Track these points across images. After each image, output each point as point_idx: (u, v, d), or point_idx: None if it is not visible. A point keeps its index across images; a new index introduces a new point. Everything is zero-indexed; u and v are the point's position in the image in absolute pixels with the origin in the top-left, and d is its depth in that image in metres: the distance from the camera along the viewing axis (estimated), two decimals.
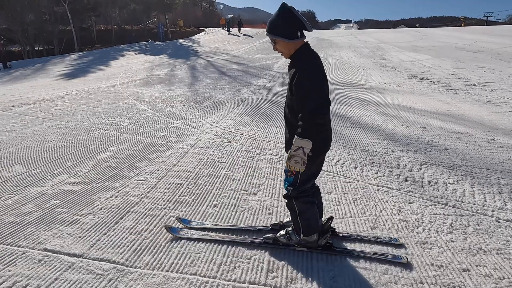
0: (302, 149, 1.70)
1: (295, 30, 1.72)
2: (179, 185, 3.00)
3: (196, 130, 4.70)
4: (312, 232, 1.97)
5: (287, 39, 1.73)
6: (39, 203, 2.65)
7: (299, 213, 1.93)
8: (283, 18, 1.72)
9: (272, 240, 2.09)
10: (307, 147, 1.69)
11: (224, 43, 23.16)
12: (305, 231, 1.96)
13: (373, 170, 3.33)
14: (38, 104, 6.52)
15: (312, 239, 1.98)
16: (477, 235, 2.24)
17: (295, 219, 1.97)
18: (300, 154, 1.70)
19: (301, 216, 1.94)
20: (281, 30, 1.73)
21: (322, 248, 2.02)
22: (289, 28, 1.72)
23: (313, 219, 1.95)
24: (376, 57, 14.18)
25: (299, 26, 1.73)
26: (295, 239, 2.03)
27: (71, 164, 3.46)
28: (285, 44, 1.76)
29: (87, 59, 18.94)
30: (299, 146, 1.70)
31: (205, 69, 12.03)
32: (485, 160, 3.61)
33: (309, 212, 1.94)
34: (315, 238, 1.98)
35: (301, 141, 1.69)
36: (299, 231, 1.99)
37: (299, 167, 1.74)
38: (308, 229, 1.96)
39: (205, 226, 2.33)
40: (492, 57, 12.66)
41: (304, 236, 1.98)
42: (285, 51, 1.80)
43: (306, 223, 1.94)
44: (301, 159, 1.71)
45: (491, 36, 20.58)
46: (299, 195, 1.90)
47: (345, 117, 5.48)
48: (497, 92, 7.37)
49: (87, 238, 2.19)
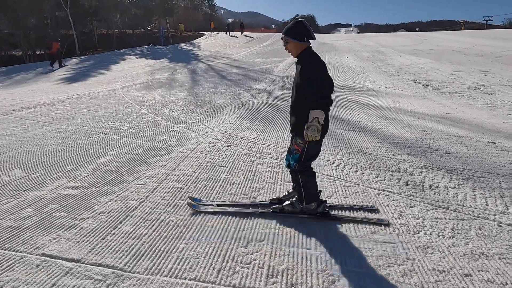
0: (317, 119, 2.10)
1: (303, 36, 2.23)
2: (178, 189, 2.98)
3: (196, 134, 4.69)
4: (312, 201, 2.40)
5: (297, 40, 2.23)
6: (38, 208, 2.64)
7: (302, 184, 2.36)
8: (296, 26, 2.25)
9: (279, 210, 2.50)
10: (321, 117, 2.11)
11: (225, 47, 23.24)
12: (307, 200, 2.39)
13: (373, 174, 3.32)
14: (38, 108, 6.53)
15: (312, 206, 2.41)
16: (479, 240, 2.22)
17: (299, 189, 2.39)
18: (316, 123, 2.11)
19: (304, 187, 2.36)
20: (293, 34, 2.24)
21: (321, 214, 2.43)
22: (299, 33, 2.24)
23: (313, 190, 2.41)
24: (376, 61, 14.20)
25: (306, 34, 2.24)
26: (298, 207, 2.44)
27: (71, 168, 3.45)
28: (294, 44, 2.26)
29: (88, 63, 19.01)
30: (314, 116, 2.11)
31: (205, 73, 12.06)
32: (486, 163, 3.59)
33: (311, 184, 2.38)
34: (314, 206, 2.41)
35: (315, 112, 2.11)
36: (301, 200, 2.41)
37: (315, 135, 2.13)
38: (309, 198, 2.39)
39: (213, 202, 2.69)
40: (492, 61, 12.68)
41: (306, 204, 2.40)
42: (294, 50, 2.28)
43: (308, 192, 2.37)
44: (316, 128, 2.11)
45: (491, 39, 20.63)
46: (303, 170, 2.35)
47: (346, 120, 5.48)
48: (498, 96, 7.37)
49: (86, 243, 2.17)
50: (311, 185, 2.38)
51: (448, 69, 11.15)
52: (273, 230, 2.34)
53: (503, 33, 26.69)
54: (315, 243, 2.20)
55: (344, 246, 2.16)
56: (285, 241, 2.22)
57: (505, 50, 15.39)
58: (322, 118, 2.11)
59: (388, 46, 20.23)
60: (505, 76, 9.57)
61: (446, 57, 14.27)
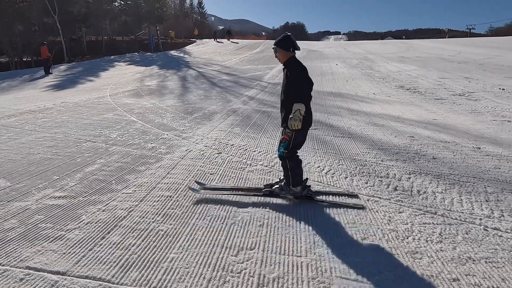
0: (299, 111, 2.55)
1: (289, 47, 2.75)
2: (168, 197, 2.95)
3: (186, 141, 4.67)
4: (298, 184, 2.80)
5: (284, 50, 2.76)
6: (23, 219, 2.57)
7: (290, 169, 2.76)
8: (284, 39, 2.78)
9: (269, 192, 2.92)
10: (302, 109, 2.56)
11: (215, 54, 23.32)
12: (293, 183, 2.79)
13: (363, 180, 3.35)
14: (24, 116, 6.40)
15: (297, 189, 2.81)
16: (466, 244, 2.26)
17: (287, 173, 2.79)
18: (298, 114, 2.55)
19: (291, 171, 2.76)
20: (282, 45, 2.76)
21: (305, 197, 2.84)
22: (286, 44, 2.76)
23: (299, 175, 2.79)
24: (365, 68, 14.46)
25: (292, 45, 2.76)
26: (286, 190, 2.84)
27: (57, 178, 3.38)
28: (283, 53, 2.78)
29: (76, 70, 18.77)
30: (297, 108, 2.55)
31: (196, 80, 12.05)
32: (472, 168, 3.67)
33: (297, 169, 2.78)
34: (299, 189, 2.81)
35: (297, 105, 2.56)
36: (289, 183, 2.80)
37: (297, 124, 2.57)
38: (295, 181, 2.79)
39: (217, 186, 3.16)
40: (476, 68, 13.06)
41: (293, 186, 2.80)
42: (282, 58, 2.81)
43: (294, 176, 2.77)
44: (298, 118, 2.55)
45: (474, 47, 21.28)
46: (291, 156, 2.76)
47: (335, 127, 5.54)
48: (482, 102, 7.58)
49: (72, 255, 2.12)
50: (297, 171, 2.78)
51: (434, 76, 11.43)
52: (263, 238, 2.33)
53: (486, 41, 27.58)
54: (306, 250, 2.20)
55: (334, 253, 2.17)
56: (275, 248, 2.21)
57: (487, 58, 15.88)
58: (303, 110, 2.57)
59: (376, 53, 20.65)
60: (488, 82, 9.86)
61: (432, 64, 14.63)
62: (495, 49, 19.40)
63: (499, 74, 11.42)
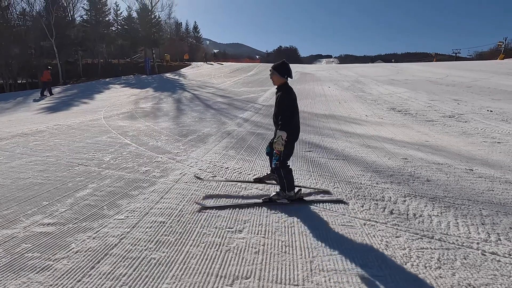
0: (281, 137, 3.05)
1: (284, 73, 3.20)
2: (161, 223, 2.88)
3: (180, 165, 4.63)
4: (292, 189, 3.24)
5: (280, 75, 3.20)
6: (8, 248, 2.47)
7: (284, 176, 3.20)
8: (281, 65, 3.23)
9: (268, 199, 3.30)
10: (284, 136, 3.05)
11: (210, 76, 23.70)
12: (288, 188, 3.23)
13: (358, 203, 3.33)
14: (16, 139, 6.32)
15: (291, 193, 3.25)
16: (465, 270, 2.22)
17: (282, 181, 3.22)
18: (280, 140, 3.06)
19: (285, 178, 3.21)
20: (279, 69, 3.21)
21: (298, 200, 3.28)
22: (283, 71, 3.20)
23: (291, 180, 3.25)
24: (357, 90, 14.79)
25: (287, 73, 3.22)
26: (282, 195, 3.26)
27: (47, 203, 3.29)
28: (277, 78, 3.22)
29: (71, 92, 18.83)
30: (279, 135, 3.06)
31: (190, 102, 12.15)
32: (466, 191, 3.68)
33: (289, 176, 3.24)
34: (293, 193, 3.25)
35: (280, 132, 3.07)
36: (284, 189, 3.23)
37: (280, 147, 3.07)
38: (289, 186, 3.23)
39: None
40: (464, 90, 13.45)
41: (288, 191, 3.23)
42: (276, 81, 3.25)
43: (288, 182, 3.21)
44: (281, 142, 3.06)
45: (461, 70, 22.04)
46: (283, 166, 3.22)
47: (329, 149, 5.57)
48: (471, 123, 7.74)
49: (59, 287, 2.02)
50: (290, 177, 3.23)
51: (423, 98, 11.71)
52: (259, 266, 2.27)
53: (471, 64, 28.63)
54: (303, 278, 2.14)
55: (332, 281, 2.11)
56: (272, 277, 2.15)
57: (474, 80, 16.42)
58: (285, 136, 3.05)
59: (367, 76, 21.22)
60: (476, 104, 10.13)
61: (421, 86, 15.05)
62: (480, 72, 20.12)
63: (486, 96, 11.78)
